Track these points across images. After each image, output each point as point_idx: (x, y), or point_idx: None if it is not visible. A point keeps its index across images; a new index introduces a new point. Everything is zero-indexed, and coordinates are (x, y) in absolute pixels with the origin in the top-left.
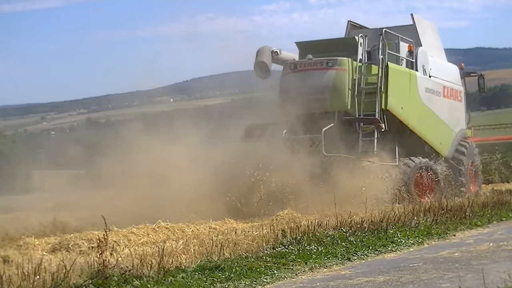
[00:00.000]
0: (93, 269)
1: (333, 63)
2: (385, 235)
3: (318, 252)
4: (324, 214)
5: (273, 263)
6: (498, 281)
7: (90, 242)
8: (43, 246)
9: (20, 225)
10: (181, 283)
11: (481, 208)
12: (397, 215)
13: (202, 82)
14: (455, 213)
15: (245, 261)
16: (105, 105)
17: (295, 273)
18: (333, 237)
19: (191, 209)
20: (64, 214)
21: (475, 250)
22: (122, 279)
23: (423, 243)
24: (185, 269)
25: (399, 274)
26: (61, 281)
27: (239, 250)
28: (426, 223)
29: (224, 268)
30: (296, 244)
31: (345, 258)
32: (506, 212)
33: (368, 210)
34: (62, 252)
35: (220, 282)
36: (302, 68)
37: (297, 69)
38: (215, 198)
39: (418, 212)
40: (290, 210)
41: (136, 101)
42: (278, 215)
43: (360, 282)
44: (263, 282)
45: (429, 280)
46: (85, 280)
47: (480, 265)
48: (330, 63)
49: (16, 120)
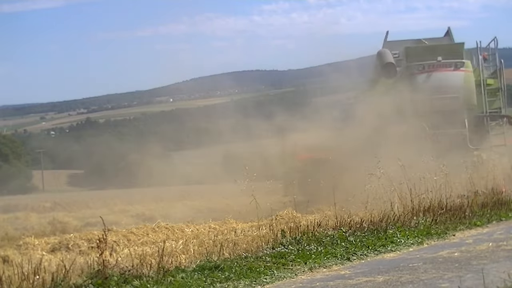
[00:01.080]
0: (93, 269)
1: (461, 65)
2: (385, 235)
3: (317, 252)
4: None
5: (273, 263)
6: (497, 281)
7: (90, 242)
8: (43, 246)
9: (20, 225)
10: (181, 283)
11: (481, 208)
12: (397, 215)
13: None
14: (455, 213)
15: (245, 261)
16: (104, 105)
17: (294, 273)
18: (332, 237)
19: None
20: (64, 214)
21: (474, 250)
22: (122, 279)
23: (423, 243)
24: (184, 269)
25: (399, 274)
26: (61, 281)
27: (239, 250)
28: (426, 223)
29: (223, 268)
30: (296, 244)
31: (345, 258)
32: (505, 212)
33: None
34: (62, 252)
35: (220, 282)
36: (431, 69)
37: (425, 70)
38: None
39: (418, 212)
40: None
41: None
42: (278, 215)
43: (359, 282)
44: (262, 282)
45: (429, 280)
46: (85, 280)
47: (479, 265)
48: (459, 65)
49: (16, 120)
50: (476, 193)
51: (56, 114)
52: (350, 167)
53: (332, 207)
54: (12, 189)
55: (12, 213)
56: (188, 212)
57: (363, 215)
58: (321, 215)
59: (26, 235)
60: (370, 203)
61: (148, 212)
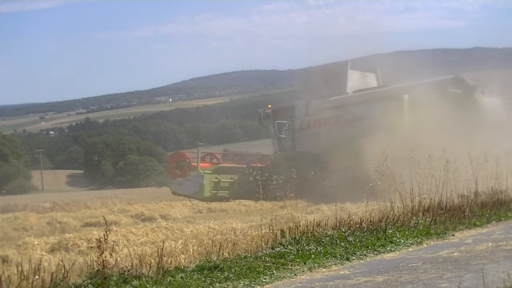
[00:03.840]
0: (92, 269)
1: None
2: (384, 235)
3: (317, 252)
4: None
5: (272, 263)
6: (497, 281)
7: (89, 242)
8: (42, 246)
9: (19, 225)
10: (180, 283)
11: (480, 208)
12: (396, 215)
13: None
14: (454, 213)
15: (244, 261)
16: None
17: (294, 273)
18: (332, 237)
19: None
20: (63, 214)
21: (474, 250)
22: (121, 279)
23: (422, 243)
24: (184, 269)
25: (398, 274)
26: (60, 281)
27: (238, 250)
28: (425, 223)
29: (223, 268)
30: (295, 244)
31: (344, 258)
32: (505, 212)
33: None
34: (61, 252)
35: (219, 282)
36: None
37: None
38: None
39: (417, 212)
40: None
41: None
42: (277, 214)
43: (359, 282)
44: (262, 282)
45: (428, 280)
46: (84, 280)
47: (479, 265)
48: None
49: (15, 120)
50: (476, 193)
51: (56, 114)
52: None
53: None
54: (11, 189)
55: (11, 213)
56: (188, 212)
57: (362, 215)
58: (320, 215)
59: (26, 235)
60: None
61: (147, 212)
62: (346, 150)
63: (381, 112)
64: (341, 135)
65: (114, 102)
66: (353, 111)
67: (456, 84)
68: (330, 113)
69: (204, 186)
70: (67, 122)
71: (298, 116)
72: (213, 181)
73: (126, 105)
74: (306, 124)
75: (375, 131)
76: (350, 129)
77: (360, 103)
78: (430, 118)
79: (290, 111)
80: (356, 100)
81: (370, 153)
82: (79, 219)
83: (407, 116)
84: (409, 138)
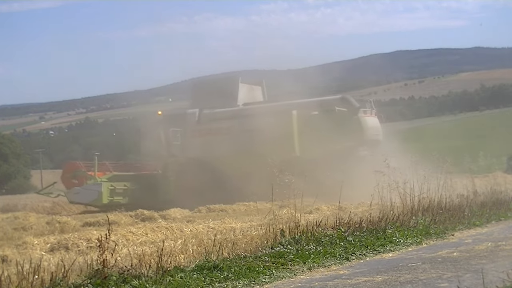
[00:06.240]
0: (92, 268)
1: None
2: (384, 235)
3: (316, 252)
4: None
5: (272, 262)
6: (496, 281)
7: (89, 242)
8: (42, 245)
9: (19, 225)
10: (180, 283)
11: (480, 208)
12: (396, 214)
13: None
14: (454, 213)
15: (244, 261)
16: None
17: (293, 273)
18: (331, 237)
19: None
20: (63, 214)
21: (473, 250)
22: (121, 279)
23: (422, 243)
24: (183, 269)
25: (398, 274)
26: (60, 280)
27: (238, 249)
28: (425, 223)
29: (222, 267)
30: (295, 244)
31: (344, 258)
32: (504, 211)
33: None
34: (61, 252)
35: (219, 282)
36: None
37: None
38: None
39: (417, 212)
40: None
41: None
42: (277, 214)
43: (358, 282)
44: (261, 282)
45: (428, 280)
46: (84, 280)
47: (478, 265)
48: None
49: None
50: (476, 193)
51: (55, 113)
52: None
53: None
54: (11, 189)
55: (11, 213)
56: (187, 212)
57: (362, 215)
58: (320, 215)
59: (25, 234)
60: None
61: (147, 212)
62: (238, 159)
63: (271, 125)
64: (233, 145)
65: (113, 102)
66: (245, 122)
67: (342, 104)
68: (222, 124)
69: (102, 194)
70: (66, 122)
71: (190, 124)
72: (109, 189)
73: (125, 105)
74: (198, 133)
75: (267, 142)
76: (242, 139)
77: (251, 116)
78: (316, 132)
79: (181, 119)
80: (248, 112)
81: (262, 162)
82: (79, 219)
83: (295, 129)
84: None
